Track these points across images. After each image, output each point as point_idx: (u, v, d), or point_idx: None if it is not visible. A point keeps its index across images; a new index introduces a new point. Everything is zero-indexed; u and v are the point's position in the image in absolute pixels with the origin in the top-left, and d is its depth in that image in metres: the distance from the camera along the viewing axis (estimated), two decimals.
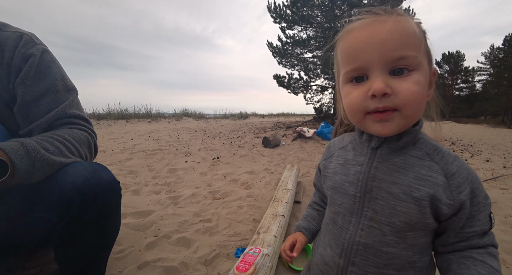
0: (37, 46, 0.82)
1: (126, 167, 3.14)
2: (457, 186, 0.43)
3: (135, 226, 1.65)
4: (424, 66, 0.43)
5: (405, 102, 0.41)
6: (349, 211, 0.51)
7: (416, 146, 0.48)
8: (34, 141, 0.69)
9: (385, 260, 0.47)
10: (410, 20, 0.43)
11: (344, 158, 0.55)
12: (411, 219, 0.45)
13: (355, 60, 0.44)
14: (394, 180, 0.46)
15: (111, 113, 9.09)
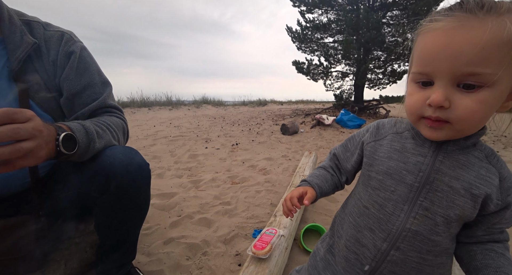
0: (76, 43, 0.90)
1: (150, 152, 3.31)
2: (506, 189, 0.47)
3: (160, 206, 1.78)
4: (504, 82, 0.39)
5: (459, 119, 0.41)
6: (402, 199, 0.51)
7: (476, 148, 0.50)
8: (91, 124, 0.78)
9: (429, 246, 0.50)
10: (508, 24, 0.36)
11: (402, 145, 0.54)
12: (464, 213, 0.48)
13: (425, 65, 0.43)
14: (457, 176, 0.48)
15: (134, 101, 9.45)
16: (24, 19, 0.83)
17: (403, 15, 8.01)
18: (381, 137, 0.58)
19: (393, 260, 0.51)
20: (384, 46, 7.45)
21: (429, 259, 0.50)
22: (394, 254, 0.51)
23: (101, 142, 0.81)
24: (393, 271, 0.52)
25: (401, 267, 0.51)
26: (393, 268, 0.52)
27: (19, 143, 0.53)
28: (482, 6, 0.38)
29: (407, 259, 0.51)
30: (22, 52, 0.76)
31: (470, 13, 0.38)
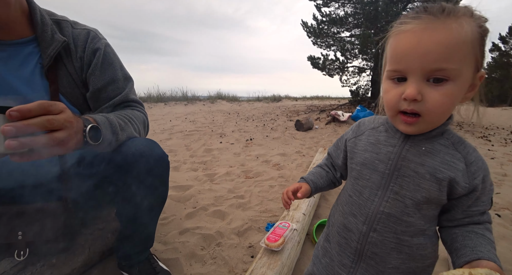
0: (101, 40, 0.94)
1: (167, 146, 3.40)
2: (473, 172, 0.51)
3: (176, 198, 1.84)
4: (465, 75, 0.46)
5: (429, 110, 0.47)
6: (376, 185, 0.57)
7: (443, 136, 0.54)
8: (114, 117, 0.83)
9: (403, 227, 0.55)
10: (465, 26, 0.43)
11: (376, 138, 0.60)
12: (431, 195, 0.52)
13: (398, 63, 0.49)
14: (422, 162, 0.53)
15: (151, 97, 9.69)
16: (54, 19, 0.88)
17: None
18: (360, 133, 0.65)
19: (373, 242, 0.57)
20: None
21: (405, 239, 0.55)
22: (373, 236, 0.57)
23: (124, 134, 0.85)
24: (375, 252, 0.57)
25: (381, 248, 0.57)
26: (374, 249, 0.57)
27: (53, 133, 0.57)
28: (443, 10, 0.44)
29: (385, 240, 0.56)
30: (53, 49, 0.81)
31: (433, 16, 0.44)
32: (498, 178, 2.60)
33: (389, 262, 0.56)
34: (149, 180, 0.90)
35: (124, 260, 1.03)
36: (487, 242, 0.51)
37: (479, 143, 4.54)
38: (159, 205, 1.03)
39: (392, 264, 0.56)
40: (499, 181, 2.53)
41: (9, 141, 0.50)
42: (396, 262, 0.56)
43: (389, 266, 0.57)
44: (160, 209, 1.06)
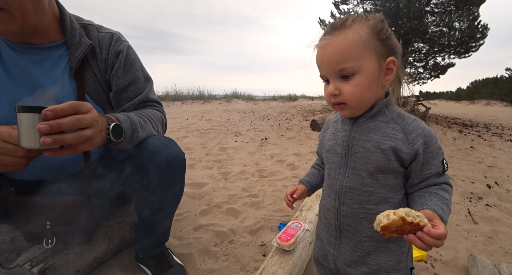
0: (124, 43, 1.00)
1: (183, 144, 3.48)
2: (412, 139, 0.60)
3: (191, 195, 1.89)
4: (367, 66, 0.58)
5: (347, 99, 0.60)
6: (338, 165, 0.69)
7: (385, 114, 0.64)
8: (135, 116, 0.88)
9: (365, 197, 0.65)
10: (351, 35, 0.57)
11: (335, 128, 0.73)
12: (380, 164, 0.62)
13: (320, 70, 0.64)
14: (367, 139, 0.64)
15: (169, 95, 9.92)
16: (81, 23, 0.94)
17: (450, 2, 7.27)
18: (327, 128, 0.79)
19: (344, 215, 0.67)
20: (426, 37, 6.85)
21: (371, 208, 0.64)
22: (343, 209, 0.67)
23: (143, 132, 0.90)
24: (349, 224, 0.67)
25: (352, 219, 0.66)
26: (347, 221, 0.67)
27: (81, 130, 0.62)
28: (335, 27, 0.60)
29: (354, 211, 0.66)
30: (80, 52, 0.87)
31: (330, 34, 0.60)
32: None
33: (363, 231, 0.65)
34: (167, 177, 0.94)
35: (141, 252, 1.08)
36: (437, 199, 0.58)
37: (507, 146, 4.28)
38: (175, 201, 1.07)
39: (366, 233, 0.65)
40: None
41: (44, 138, 0.56)
42: (369, 231, 0.65)
43: (363, 235, 0.66)
44: (176, 205, 1.09)
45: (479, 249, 1.40)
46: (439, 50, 7.29)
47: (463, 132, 5.44)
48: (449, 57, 7.59)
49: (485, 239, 1.50)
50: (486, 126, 6.95)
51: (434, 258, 1.29)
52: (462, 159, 3.29)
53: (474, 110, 14.66)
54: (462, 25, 6.80)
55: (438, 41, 6.73)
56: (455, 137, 4.78)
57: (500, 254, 1.38)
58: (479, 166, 2.97)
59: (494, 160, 3.30)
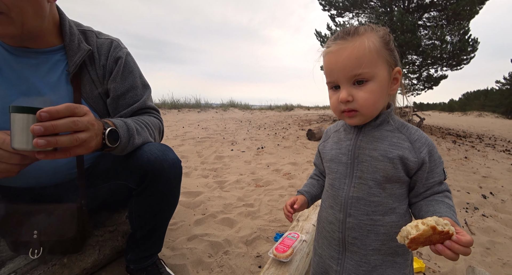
0: (123, 49, 1.00)
1: (178, 152, 3.45)
2: (418, 148, 0.61)
3: (186, 204, 1.85)
4: (380, 74, 0.59)
5: (361, 106, 0.59)
6: (343, 175, 0.67)
7: (389, 123, 0.65)
8: (132, 122, 0.86)
9: (373, 207, 0.63)
10: (366, 41, 0.58)
11: (338, 137, 0.72)
12: (388, 173, 0.61)
13: (330, 75, 0.63)
14: (374, 147, 0.63)
15: (165, 103, 9.93)
16: (80, 29, 0.94)
17: (441, 17, 7.52)
18: (327, 138, 0.77)
19: (350, 227, 0.65)
20: (419, 50, 7.02)
21: (378, 219, 0.62)
22: (349, 221, 0.65)
23: (140, 138, 0.88)
24: (354, 237, 0.64)
25: (358, 231, 0.64)
26: (353, 234, 0.64)
27: (76, 133, 0.61)
28: (348, 33, 0.60)
29: (360, 223, 0.64)
30: (78, 57, 0.86)
31: (343, 39, 0.60)
32: None
33: (369, 244, 0.63)
34: (162, 185, 0.92)
35: (133, 263, 1.04)
36: (445, 206, 0.59)
37: (500, 157, 4.33)
38: (170, 210, 1.04)
39: (372, 246, 0.63)
40: None
41: (37, 139, 0.54)
42: (376, 244, 0.63)
43: (370, 248, 0.63)
44: (171, 214, 1.07)
45: (477, 261, 1.38)
46: (432, 62, 7.47)
47: (457, 142, 5.50)
48: (442, 69, 7.77)
49: (482, 250, 1.48)
50: (479, 137, 7.05)
51: (433, 270, 1.27)
52: (457, 169, 3.31)
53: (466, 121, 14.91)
54: (453, 39, 7.00)
55: (431, 53, 6.90)
56: (449, 147, 4.82)
57: (499, 265, 1.36)
58: (474, 177, 2.99)
59: (488, 171, 3.32)
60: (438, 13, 7.59)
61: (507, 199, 2.32)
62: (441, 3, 7.23)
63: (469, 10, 6.54)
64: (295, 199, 0.80)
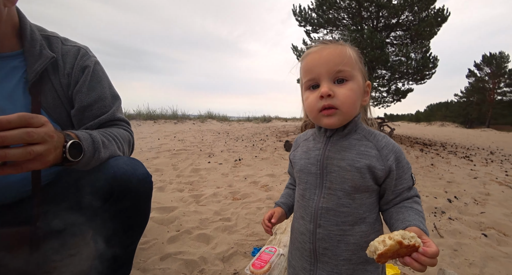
0: (91, 58, 0.94)
1: (153, 165, 3.32)
2: (385, 155, 0.61)
3: (159, 220, 1.76)
4: (358, 78, 0.61)
5: (342, 102, 0.59)
6: (313, 186, 0.67)
7: (356, 132, 0.65)
8: (98, 134, 0.80)
9: (342, 218, 0.63)
10: (347, 48, 0.62)
11: (307, 146, 0.72)
12: (356, 183, 0.61)
13: (311, 73, 0.62)
14: (342, 157, 0.63)
15: (140, 114, 9.62)
16: (44, 34, 0.88)
17: (406, 36, 8.18)
18: (297, 147, 0.77)
19: (321, 238, 0.64)
20: (388, 65, 7.54)
21: (348, 229, 0.63)
22: (320, 232, 0.64)
23: (106, 152, 0.83)
24: (325, 247, 0.64)
25: (329, 242, 0.64)
26: (324, 244, 0.64)
27: (31, 146, 0.55)
28: (330, 40, 0.64)
29: (331, 234, 0.63)
30: (40, 65, 0.80)
31: (324, 43, 0.63)
32: (482, 198, 2.65)
33: (340, 254, 0.63)
34: (130, 202, 0.86)
35: None
36: (414, 213, 0.60)
37: (461, 163, 4.66)
38: (139, 228, 0.97)
39: (343, 256, 0.63)
40: (483, 200, 2.57)
41: None
42: (346, 254, 0.63)
43: (340, 258, 0.63)
44: (141, 232, 1.00)
45: (447, 263, 1.44)
46: (399, 76, 8.03)
47: (424, 150, 5.86)
48: (408, 83, 8.37)
49: (451, 252, 1.55)
50: (442, 145, 7.57)
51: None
52: (425, 176, 3.50)
53: (431, 131, 16.00)
54: (417, 56, 7.62)
55: (398, 69, 7.44)
56: (417, 155, 5.12)
57: (466, 265, 1.43)
58: (440, 182, 3.17)
59: (452, 176, 3.55)
60: (403, 33, 8.26)
61: (469, 202, 2.48)
62: (406, 23, 7.90)
63: (428, 30, 7.18)
64: (272, 213, 0.79)
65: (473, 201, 2.52)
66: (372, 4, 7.41)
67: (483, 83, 35.55)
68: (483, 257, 1.51)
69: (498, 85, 34.47)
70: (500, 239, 1.75)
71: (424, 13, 7.49)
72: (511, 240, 1.75)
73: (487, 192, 2.86)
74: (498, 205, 2.45)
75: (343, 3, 7.87)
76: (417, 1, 6.95)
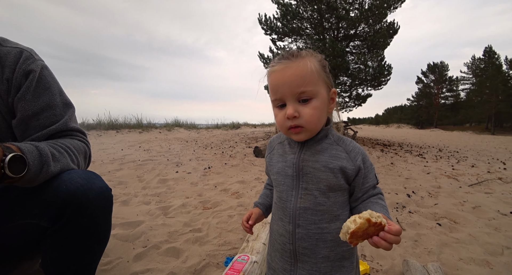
0: (36, 62, 0.84)
1: (116, 177, 3.09)
2: (354, 156, 0.67)
3: (123, 237, 1.63)
4: (321, 93, 0.65)
5: (307, 121, 0.63)
6: (290, 187, 0.70)
7: (328, 137, 0.70)
8: (46, 146, 0.72)
9: (319, 216, 0.67)
10: (309, 63, 0.63)
11: (283, 150, 0.75)
12: (330, 182, 0.66)
13: (276, 93, 0.65)
14: (316, 159, 0.68)
15: (101, 123, 8.98)
16: None
17: (363, 45, 8.84)
18: (272, 149, 0.80)
19: (300, 237, 0.67)
20: (348, 72, 8.07)
21: (325, 226, 0.67)
22: (299, 232, 0.67)
23: (57, 165, 0.75)
24: (305, 247, 0.67)
25: (308, 241, 0.67)
26: (303, 244, 0.67)
27: None
28: (292, 55, 0.65)
29: (309, 233, 0.67)
30: None
31: (287, 59, 0.64)
32: (434, 191, 2.91)
33: (319, 252, 0.66)
34: (86, 219, 0.78)
35: None
36: (380, 206, 0.65)
37: (416, 160, 5.09)
38: (98, 249, 0.88)
39: (322, 254, 0.66)
40: (435, 193, 2.82)
41: None
42: (325, 252, 0.66)
43: (319, 256, 0.67)
44: (100, 253, 0.91)
45: (410, 253, 1.54)
46: (359, 83, 8.61)
47: (384, 151, 6.30)
48: (367, 89, 9.01)
49: (412, 243, 1.66)
50: (399, 145, 8.22)
51: (376, 269, 1.35)
52: (386, 174, 3.75)
53: (389, 132, 17.33)
54: (373, 64, 8.26)
55: (358, 76, 7.99)
56: (378, 155, 5.48)
57: (425, 254, 1.54)
58: (399, 179, 3.42)
59: (409, 173, 3.85)
60: (361, 43, 8.92)
61: (425, 195, 2.71)
62: (363, 34, 8.56)
63: (382, 41, 7.85)
64: (251, 213, 0.82)
65: (428, 195, 2.75)
66: (332, 16, 7.90)
67: (429, 89, 39.73)
68: (438, 244, 1.64)
69: (441, 90, 38.79)
70: (452, 227, 1.93)
71: (378, 25, 8.19)
72: (460, 227, 1.94)
73: (438, 185, 3.15)
74: (448, 196, 2.71)
75: (306, 14, 8.28)
76: (371, 14, 7.58)
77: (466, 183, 3.34)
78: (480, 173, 3.96)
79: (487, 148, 8.67)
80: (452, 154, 6.45)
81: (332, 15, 7.89)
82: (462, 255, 1.52)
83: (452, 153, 6.68)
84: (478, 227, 1.93)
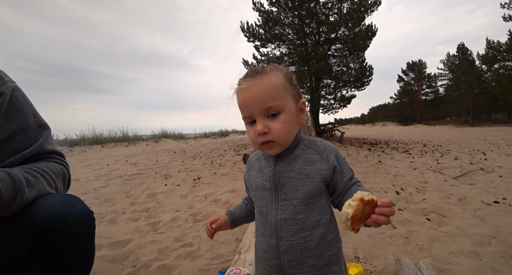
0: (7, 84, 0.81)
1: (102, 195, 3.00)
2: (326, 156, 0.68)
3: (111, 257, 1.56)
4: (289, 105, 0.66)
5: (277, 135, 0.64)
6: (269, 200, 0.70)
7: (299, 144, 0.71)
8: (20, 172, 0.68)
9: (300, 225, 0.66)
10: (273, 78, 0.65)
11: (260, 165, 0.76)
12: (308, 188, 0.66)
13: (244, 111, 0.67)
14: (291, 169, 0.68)
15: (85, 139, 8.74)
16: None
17: (344, 48, 9.08)
18: (250, 167, 0.81)
19: (284, 250, 0.66)
20: (332, 75, 8.23)
21: (307, 234, 0.66)
22: (282, 244, 0.66)
23: (32, 191, 0.71)
24: (290, 259, 0.66)
25: (293, 253, 0.66)
26: (288, 256, 0.66)
27: None
28: (257, 72, 0.66)
29: (293, 244, 0.66)
30: None
31: (252, 77, 0.66)
32: (422, 186, 2.97)
33: (305, 262, 0.66)
34: (66, 245, 0.74)
35: None
36: (362, 189, 0.65)
37: (403, 157, 5.21)
38: (83, 273, 0.84)
39: (308, 263, 0.66)
40: (423, 188, 2.88)
41: None
42: (310, 260, 0.66)
43: (306, 265, 0.66)
44: None
45: (402, 251, 1.55)
46: (343, 85, 8.80)
47: (371, 149, 6.42)
48: (351, 90, 9.22)
49: (404, 241, 1.68)
50: (386, 142, 8.41)
51: (370, 271, 1.35)
52: (375, 173, 3.81)
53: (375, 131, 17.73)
54: (355, 66, 8.48)
55: (341, 78, 8.17)
56: (366, 155, 5.57)
57: (417, 250, 1.56)
58: (388, 177, 3.48)
59: (397, 170, 3.93)
60: (342, 46, 9.16)
61: (413, 191, 2.76)
62: (343, 38, 8.81)
63: (362, 43, 8.09)
64: (217, 218, 0.84)
65: (416, 190, 2.81)
66: (313, 21, 8.08)
67: (410, 86, 41.15)
68: (429, 240, 1.67)
69: (422, 87, 40.26)
70: (440, 221, 1.97)
71: (357, 28, 8.46)
72: (448, 220, 1.98)
73: (425, 180, 3.22)
74: (435, 191, 2.77)
75: (287, 20, 8.43)
76: (350, 18, 7.82)
77: (451, 176, 3.44)
78: (463, 165, 4.09)
79: (468, 140, 9.01)
80: (436, 148, 6.65)
81: (312, 20, 8.07)
82: (452, 248, 1.55)
83: (436, 147, 6.88)
84: (465, 219, 1.98)
